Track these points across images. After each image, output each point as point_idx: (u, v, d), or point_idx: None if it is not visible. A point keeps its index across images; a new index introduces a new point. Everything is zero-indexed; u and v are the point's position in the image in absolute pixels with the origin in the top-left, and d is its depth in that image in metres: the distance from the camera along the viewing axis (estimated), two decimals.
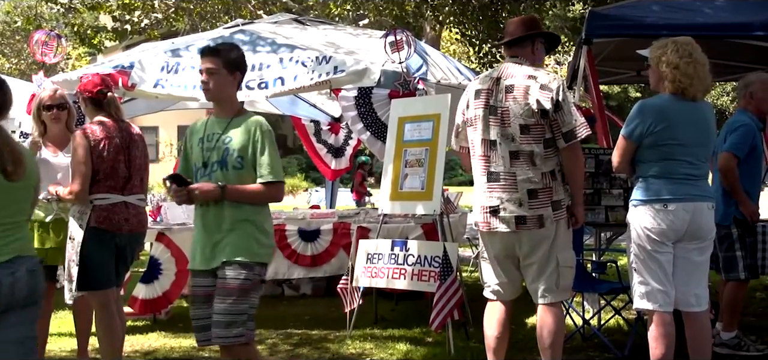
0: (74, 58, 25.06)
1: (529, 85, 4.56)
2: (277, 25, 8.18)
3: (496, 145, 4.61)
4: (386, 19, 15.88)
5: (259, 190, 4.25)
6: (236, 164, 4.23)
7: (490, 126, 4.63)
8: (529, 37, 4.77)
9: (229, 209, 4.20)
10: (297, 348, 6.46)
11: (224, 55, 4.32)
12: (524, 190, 4.56)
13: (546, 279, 4.65)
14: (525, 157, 4.56)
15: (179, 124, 34.22)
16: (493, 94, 4.64)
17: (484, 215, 4.67)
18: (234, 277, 4.13)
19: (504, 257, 4.74)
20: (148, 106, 8.82)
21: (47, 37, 7.35)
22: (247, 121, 4.32)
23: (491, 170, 4.63)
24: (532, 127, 4.54)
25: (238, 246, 4.16)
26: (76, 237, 5.12)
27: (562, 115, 4.52)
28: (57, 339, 6.57)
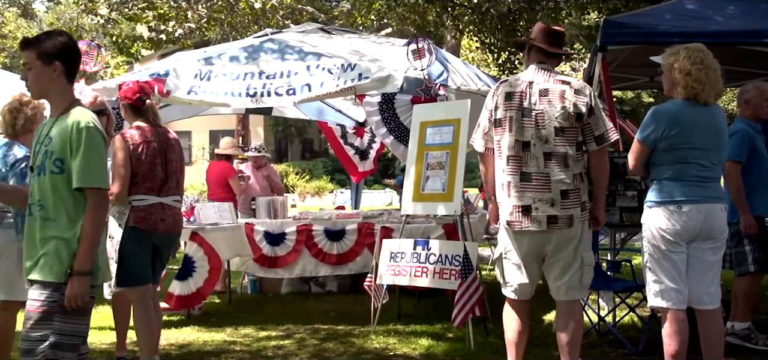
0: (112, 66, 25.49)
1: (564, 90, 4.70)
2: (304, 34, 8.33)
3: (529, 146, 4.67)
4: (408, 28, 16.06)
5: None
6: (54, 169, 3.59)
7: (523, 128, 4.68)
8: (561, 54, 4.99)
9: (39, 222, 3.63)
10: (324, 342, 6.61)
11: (37, 46, 3.67)
12: (557, 190, 4.65)
13: (570, 277, 4.75)
14: (558, 158, 4.65)
15: (211, 129, 34.55)
16: (527, 97, 4.70)
17: (515, 214, 4.70)
18: (34, 298, 3.55)
19: (530, 257, 4.79)
20: (182, 111, 9.04)
21: (88, 47, 7.51)
22: (68, 117, 3.63)
23: (524, 171, 4.68)
24: (567, 130, 4.65)
25: (43, 264, 3.55)
26: (116, 236, 5.29)
27: (595, 119, 4.67)
28: (97, 332, 6.75)
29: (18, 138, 5.24)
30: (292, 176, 35.69)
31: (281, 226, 8.42)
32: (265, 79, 7.08)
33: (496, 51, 16.13)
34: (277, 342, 6.66)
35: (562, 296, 4.82)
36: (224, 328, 7.18)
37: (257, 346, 6.56)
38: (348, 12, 18.22)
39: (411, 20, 16.06)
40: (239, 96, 7.05)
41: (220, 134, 25.81)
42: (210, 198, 9.73)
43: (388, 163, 35.89)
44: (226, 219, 8.16)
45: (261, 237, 8.41)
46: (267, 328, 7.17)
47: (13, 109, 5.25)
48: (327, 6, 20.04)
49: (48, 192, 3.59)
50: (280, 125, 38.26)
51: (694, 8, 7.41)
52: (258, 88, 7.01)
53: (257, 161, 9.95)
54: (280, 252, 8.37)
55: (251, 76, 7.14)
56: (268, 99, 7.00)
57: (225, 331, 7.06)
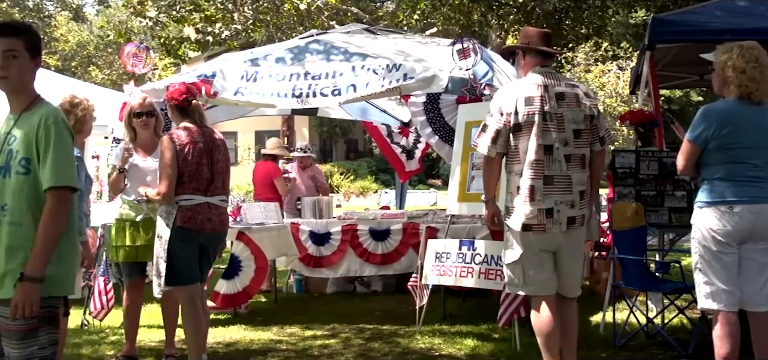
0: (160, 68, 25.85)
1: (578, 93, 4.87)
2: (349, 35, 8.34)
3: (552, 149, 4.76)
4: (453, 28, 16.02)
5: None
6: (20, 169, 3.30)
7: (547, 132, 4.76)
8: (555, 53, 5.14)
9: (5, 228, 3.31)
10: (369, 342, 6.63)
11: (27, 36, 3.40)
12: (577, 191, 4.82)
13: (578, 273, 5.00)
14: (577, 160, 4.83)
15: (257, 130, 34.83)
16: (547, 101, 4.79)
17: (540, 217, 4.78)
18: (5, 317, 3.25)
19: (546, 254, 4.90)
20: (229, 112, 9.13)
21: (137, 50, 7.63)
22: (34, 114, 3.36)
23: (547, 174, 4.77)
24: (584, 132, 4.84)
25: (11, 282, 3.23)
26: (164, 235, 5.35)
27: (600, 121, 4.93)
28: (147, 330, 6.85)
29: None
30: (336, 176, 35.83)
31: (326, 226, 8.46)
32: (310, 79, 7.11)
33: None
34: (323, 341, 6.70)
35: (573, 293, 5.01)
36: (270, 326, 7.24)
37: (303, 345, 6.60)
38: (392, 12, 18.25)
39: (455, 20, 16.02)
40: (285, 97, 7.09)
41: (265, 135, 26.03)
42: (256, 198, 9.81)
43: (432, 163, 35.85)
44: (272, 219, 8.22)
45: (306, 237, 8.46)
46: (313, 328, 7.21)
47: (65, 111, 5.34)
48: (372, 6, 20.09)
49: (14, 195, 3.29)
50: (325, 126, 38.44)
51: (745, 5, 7.29)
52: (304, 89, 7.05)
53: (303, 161, 10.00)
54: (326, 252, 8.41)
55: (297, 76, 7.18)
56: (314, 100, 7.04)
57: (271, 330, 7.12)
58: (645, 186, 6.85)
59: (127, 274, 6.05)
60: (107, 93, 11.73)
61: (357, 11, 18.24)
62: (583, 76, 31.21)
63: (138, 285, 6.09)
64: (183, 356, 5.85)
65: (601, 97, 30.42)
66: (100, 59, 36.96)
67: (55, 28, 36.39)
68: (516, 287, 5.03)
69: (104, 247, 7.17)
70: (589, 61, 30.40)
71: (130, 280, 6.04)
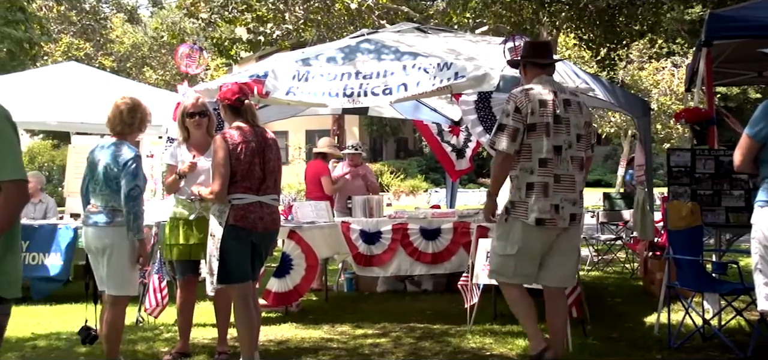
0: (212, 68, 26.18)
1: (579, 102, 5.38)
2: (400, 34, 8.34)
3: (561, 150, 5.18)
4: (504, 26, 15.92)
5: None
6: None
7: (557, 134, 5.17)
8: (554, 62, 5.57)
9: None
10: (420, 341, 6.62)
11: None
12: (578, 190, 5.29)
13: (573, 266, 5.46)
14: (578, 162, 5.29)
15: (307, 129, 35.09)
16: (558, 105, 5.21)
17: (550, 213, 5.16)
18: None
19: (543, 250, 5.29)
20: (281, 112, 9.19)
21: (191, 50, 7.74)
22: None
23: (556, 173, 5.17)
24: (583, 137, 5.31)
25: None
26: (216, 234, 5.39)
27: (593, 129, 5.45)
28: (200, 328, 6.92)
29: (126, 138, 5.43)
30: (386, 175, 35.91)
31: (377, 225, 8.47)
32: (361, 79, 7.13)
33: (595, 47, 15.84)
34: (374, 340, 6.71)
35: (565, 283, 5.47)
36: (321, 325, 7.27)
37: (354, 343, 6.61)
38: (443, 10, 18.20)
39: (506, 18, 15.93)
40: (336, 96, 7.11)
41: (316, 134, 26.22)
42: (307, 197, 9.87)
43: (483, 162, 35.68)
44: (323, 218, 8.26)
45: (357, 235, 8.48)
46: (363, 326, 7.23)
47: (132, 109, 5.45)
48: (422, 5, 20.08)
49: None
50: (375, 125, 38.54)
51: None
52: (355, 88, 7.07)
53: (353, 159, 10.03)
54: (376, 251, 8.42)
55: (348, 76, 7.19)
56: (365, 99, 7.05)
57: (322, 329, 7.15)
58: (701, 185, 6.74)
59: (181, 272, 6.13)
60: (161, 93, 11.92)
61: (407, 10, 18.26)
62: (636, 73, 30.75)
63: (191, 283, 6.17)
64: (235, 354, 5.91)
65: (655, 94, 29.94)
66: (153, 60, 37.62)
67: (110, 30, 37.12)
68: (504, 276, 5.41)
69: (158, 245, 7.27)
70: (642, 59, 29.97)
71: (183, 278, 6.12)
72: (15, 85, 10.80)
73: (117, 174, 5.26)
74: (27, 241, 9.26)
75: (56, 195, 24.53)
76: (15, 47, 17.77)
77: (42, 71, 14.32)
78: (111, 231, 5.29)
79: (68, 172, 10.75)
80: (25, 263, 9.27)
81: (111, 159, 5.30)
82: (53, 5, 30.04)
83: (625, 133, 34.33)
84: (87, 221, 5.40)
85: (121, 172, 5.26)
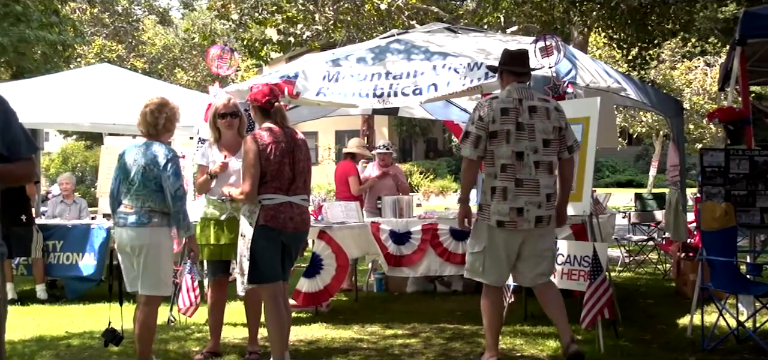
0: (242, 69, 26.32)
1: (548, 107, 5.54)
2: (430, 34, 8.32)
3: (523, 155, 5.42)
4: (534, 26, 15.83)
5: None
6: None
7: (519, 140, 5.42)
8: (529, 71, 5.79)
9: None
10: (450, 342, 6.61)
11: None
12: (544, 194, 5.48)
13: (546, 265, 5.64)
14: (545, 166, 5.50)
15: (337, 129, 35.14)
16: (520, 114, 5.45)
17: (511, 215, 5.43)
18: None
19: (511, 251, 5.55)
20: (311, 112, 9.24)
21: (222, 52, 7.80)
22: None
23: (518, 177, 5.43)
24: (552, 142, 5.50)
25: None
26: (247, 234, 5.42)
27: (569, 132, 5.58)
28: (230, 328, 6.97)
29: (158, 138, 5.47)
30: (416, 176, 35.89)
31: (407, 225, 8.45)
32: (391, 79, 7.14)
33: (626, 46, 15.71)
34: (404, 340, 6.70)
35: (539, 280, 5.65)
36: (351, 325, 7.28)
37: (384, 343, 6.62)
38: (473, 10, 18.16)
39: (537, 17, 15.84)
40: (367, 96, 7.13)
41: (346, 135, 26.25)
42: (337, 197, 9.89)
43: None
44: (353, 218, 8.27)
45: (387, 236, 8.47)
46: (393, 327, 7.23)
47: (155, 110, 5.48)
48: (452, 5, 20.03)
49: None
50: (405, 125, 38.54)
51: None
52: (385, 89, 7.08)
53: (383, 158, 10.03)
54: (406, 251, 8.39)
55: (378, 76, 7.20)
56: (395, 99, 7.06)
57: (352, 329, 7.16)
58: (735, 185, 6.65)
59: (212, 272, 6.17)
60: (192, 94, 12.01)
61: (437, 10, 18.23)
62: (668, 73, 30.45)
63: (222, 283, 6.21)
64: (266, 353, 5.94)
65: (687, 94, 29.63)
66: (184, 61, 37.91)
67: (142, 32, 37.46)
68: (475, 274, 5.71)
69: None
70: (674, 58, 29.66)
71: (214, 277, 6.16)
72: (49, 87, 10.95)
73: (157, 174, 5.31)
74: (61, 240, 9.39)
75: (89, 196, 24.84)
76: (49, 49, 17.99)
77: (75, 73, 14.49)
78: (147, 231, 5.34)
79: (101, 173, 10.87)
80: (60, 263, 9.39)
81: (149, 160, 5.35)
82: (86, 8, 30.38)
83: (656, 133, 34.03)
84: (121, 222, 5.43)
85: (162, 172, 5.30)
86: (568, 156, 5.62)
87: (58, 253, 9.39)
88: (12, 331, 6.72)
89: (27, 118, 3.96)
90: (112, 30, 35.34)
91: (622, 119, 31.58)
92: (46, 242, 9.29)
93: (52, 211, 10.53)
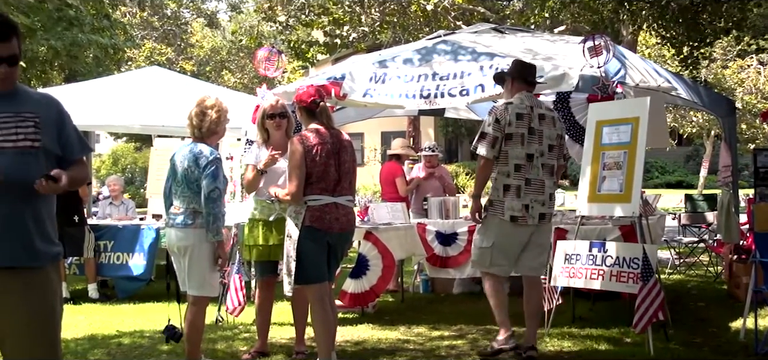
0: (289, 71, 26.49)
1: (553, 116, 6.15)
2: (477, 35, 8.29)
3: (533, 158, 5.96)
4: (582, 26, 15.65)
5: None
6: None
7: (530, 143, 5.94)
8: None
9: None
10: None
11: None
12: (547, 194, 6.04)
13: (544, 258, 6.19)
14: (549, 169, 6.06)
15: (383, 131, 35.18)
16: (532, 119, 5.96)
17: (522, 211, 5.94)
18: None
19: (518, 245, 6.04)
20: (358, 113, 9.26)
21: (269, 54, 7.86)
22: None
23: (527, 177, 5.95)
24: (555, 148, 6.09)
25: None
26: (293, 235, 5.44)
27: (564, 140, 6.27)
28: (278, 328, 7.01)
29: (204, 140, 5.52)
30: (462, 177, 35.76)
31: (453, 227, 8.44)
32: (438, 80, 7.12)
33: (677, 45, 15.44)
34: (450, 342, 6.68)
35: (534, 273, 6.15)
36: (397, 326, 7.28)
37: (430, 345, 6.60)
38: (520, 10, 18.04)
39: (584, 18, 15.65)
40: (413, 97, 7.12)
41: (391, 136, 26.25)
42: (383, 198, 9.90)
43: None
44: (399, 219, 8.27)
45: (433, 237, 8.47)
46: (439, 328, 7.21)
47: (200, 113, 5.54)
48: (499, 5, 19.93)
49: None
50: (451, 126, 38.44)
51: None
52: (431, 90, 7.07)
53: (430, 160, 10.02)
54: (452, 252, 8.39)
55: (425, 77, 7.20)
56: (442, 100, 7.04)
57: (398, 330, 7.16)
58: None
59: (260, 273, 6.22)
60: (239, 96, 12.12)
61: (484, 11, 18.15)
62: (719, 72, 29.91)
63: (270, 283, 6.25)
64: (312, 354, 5.96)
65: (740, 93, 29.06)
66: (232, 63, 38.27)
67: (190, 35, 37.92)
68: (482, 266, 6.19)
69: (237, 246, 7.39)
70: (726, 57, 29.13)
71: (262, 278, 6.21)
72: (100, 90, 11.15)
73: (198, 176, 5.36)
74: (111, 240, 9.55)
75: (138, 197, 25.23)
76: (101, 53, 18.29)
77: (126, 76, 14.73)
78: (191, 232, 5.39)
79: (150, 174, 11.03)
80: (110, 263, 9.55)
81: (192, 161, 5.40)
82: (137, 12, 30.84)
83: (707, 133, 33.46)
84: (170, 222, 5.51)
85: (201, 173, 5.35)
86: (563, 162, 6.32)
87: (108, 253, 9.55)
88: (65, 330, 6.78)
89: (79, 121, 4.04)
90: (161, 33, 35.83)
91: (672, 119, 31.09)
92: (98, 242, 9.46)
93: (102, 212, 10.71)
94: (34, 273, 3.37)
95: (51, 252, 3.46)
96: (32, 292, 3.36)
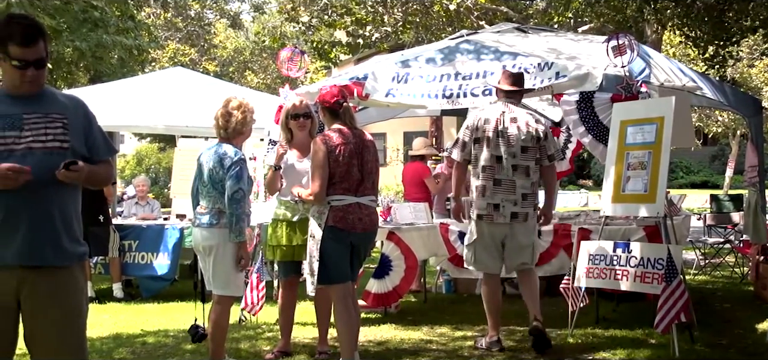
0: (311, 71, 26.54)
1: (528, 119, 6.30)
2: (499, 34, 8.26)
3: (501, 159, 6.22)
4: (606, 25, 15.54)
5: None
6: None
7: (498, 145, 6.22)
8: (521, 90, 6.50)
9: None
10: (520, 344, 6.55)
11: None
12: (520, 193, 6.25)
13: (527, 255, 6.37)
14: (522, 170, 6.25)
15: (405, 131, 35.11)
16: (501, 123, 6.23)
17: (488, 210, 6.27)
18: None
19: (496, 242, 6.34)
20: (380, 113, 9.26)
21: (292, 54, 7.89)
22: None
23: (496, 178, 6.24)
24: (530, 149, 6.25)
25: None
26: (316, 235, 5.46)
27: (548, 142, 6.34)
28: (301, 328, 7.00)
29: (230, 141, 5.55)
30: None
31: None
32: (461, 80, 7.10)
33: (703, 44, 15.28)
34: (473, 342, 6.66)
35: (519, 268, 6.45)
36: (420, 326, 7.27)
37: (453, 345, 6.60)
38: (543, 10, 17.95)
39: (608, 17, 15.53)
40: (436, 97, 7.11)
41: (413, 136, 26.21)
42: (406, 198, 9.89)
43: (583, 164, 35.09)
44: (422, 219, 8.27)
45: (455, 237, 8.45)
46: (462, 328, 7.20)
47: (226, 113, 5.56)
48: (522, 5, 19.82)
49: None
50: None
51: None
52: (454, 89, 7.05)
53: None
54: None
55: (447, 77, 7.18)
56: (464, 100, 7.02)
57: (421, 330, 7.15)
58: None
59: (283, 273, 6.23)
60: (262, 96, 12.15)
61: (506, 10, 18.07)
62: (746, 70, 29.61)
63: (293, 283, 6.27)
64: (335, 353, 5.96)
65: (766, 93, 28.75)
66: (255, 64, 38.36)
67: (214, 36, 38.09)
68: (469, 263, 6.56)
69: (260, 246, 7.41)
70: (752, 55, 28.82)
71: (285, 278, 6.23)
72: (125, 91, 11.23)
73: (222, 176, 5.38)
74: (136, 240, 9.62)
75: (162, 197, 25.37)
76: (125, 54, 18.47)
77: (150, 77, 14.82)
78: (216, 232, 5.42)
79: (174, 175, 11.09)
80: (135, 262, 9.62)
81: (216, 162, 5.43)
82: (161, 13, 31.05)
83: (733, 133, 33.15)
84: (196, 222, 5.55)
85: (225, 174, 5.37)
86: (548, 164, 6.37)
87: (133, 253, 9.61)
88: (90, 328, 6.81)
89: (104, 121, 4.07)
90: (185, 34, 36.01)
91: (697, 119, 30.83)
92: (122, 242, 9.53)
93: (128, 211, 10.79)
94: (61, 272, 3.41)
95: (77, 251, 3.50)
96: (60, 291, 3.40)
